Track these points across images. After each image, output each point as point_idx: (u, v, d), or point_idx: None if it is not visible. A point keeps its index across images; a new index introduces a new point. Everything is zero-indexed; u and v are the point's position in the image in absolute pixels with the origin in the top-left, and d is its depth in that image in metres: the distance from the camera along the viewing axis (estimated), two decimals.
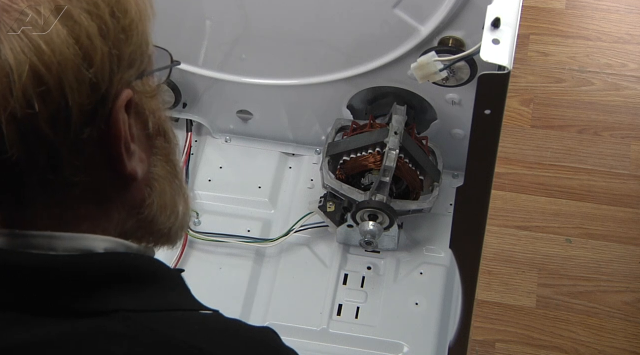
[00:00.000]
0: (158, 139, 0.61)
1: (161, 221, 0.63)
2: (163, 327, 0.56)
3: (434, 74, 0.94)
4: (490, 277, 1.69)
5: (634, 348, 1.62)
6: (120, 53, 0.54)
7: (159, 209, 0.62)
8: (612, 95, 1.98)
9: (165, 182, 0.63)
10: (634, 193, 1.81)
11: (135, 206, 0.61)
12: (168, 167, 0.63)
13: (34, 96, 0.49)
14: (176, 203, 0.65)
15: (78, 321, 0.53)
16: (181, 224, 0.66)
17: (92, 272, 0.56)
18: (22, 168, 0.51)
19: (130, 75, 0.55)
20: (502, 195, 1.81)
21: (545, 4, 2.14)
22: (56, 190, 0.54)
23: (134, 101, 0.56)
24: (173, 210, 0.64)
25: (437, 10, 1.11)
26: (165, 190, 0.63)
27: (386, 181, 1.22)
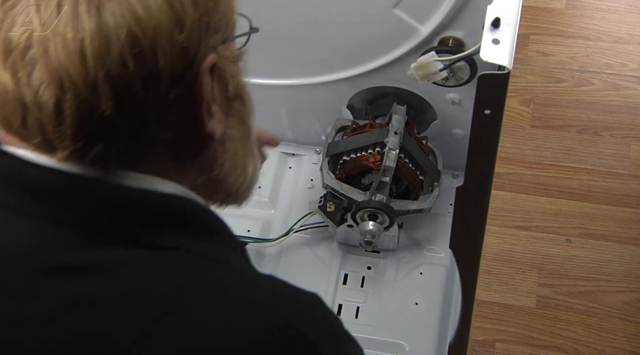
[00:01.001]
0: (235, 102, 0.66)
1: (230, 181, 0.67)
2: (220, 275, 0.59)
3: (434, 74, 0.94)
4: (490, 277, 1.70)
5: (634, 348, 1.62)
6: (208, 20, 0.58)
7: (230, 168, 0.67)
8: (612, 95, 1.98)
9: (238, 144, 0.67)
10: (634, 193, 1.81)
11: (209, 164, 0.65)
12: (242, 129, 0.67)
13: (130, 57, 0.54)
14: (247, 164, 0.69)
15: (144, 251, 0.58)
16: (249, 185, 0.70)
17: (164, 210, 0.60)
18: (113, 123, 0.55)
19: (216, 41, 0.59)
20: (502, 195, 1.81)
21: (545, 4, 2.15)
22: (141, 145, 0.58)
23: (218, 65, 0.60)
24: (243, 170, 0.69)
25: (437, 10, 1.11)
26: (238, 151, 0.67)
27: (386, 181, 1.22)
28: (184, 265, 0.58)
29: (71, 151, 0.56)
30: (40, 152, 0.57)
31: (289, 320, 0.58)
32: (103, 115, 0.54)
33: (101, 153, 0.57)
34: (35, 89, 0.54)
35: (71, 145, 0.56)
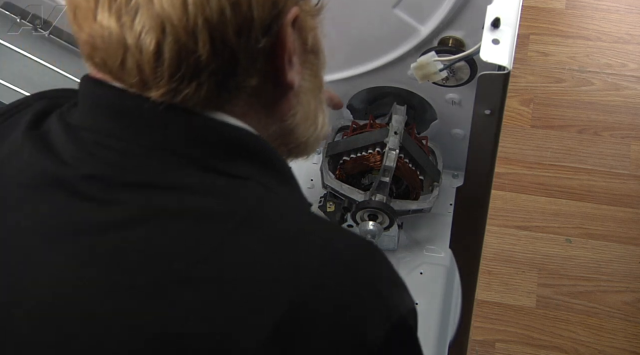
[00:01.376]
0: (310, 55, 0.69)
1: (301, 131, 0.72)
2: (286, 206, 0.64)
3: (434, 74, 0.94)
4: (490, 277, 1.70)
5: (634, 348, 1.62)
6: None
7: (301, 119, 0.71)
8: (612, 95, 1.98)
9: (311, 96, 0.71)
10: (634, 193, 1.81)
11: (283, 114, 0.69)
12: (315, 82, 0.71)
13: (227, 6, 0.59)
14: (317, 116, 0.73)
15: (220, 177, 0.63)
16: (318, 136, 0.74)
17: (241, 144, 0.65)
18: (206, 67, 0.60)
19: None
20: (502, 195, 1.81)
21: (545, 4, 2.15)
22: (228, 89, 0.63)
23: (299, 18, 0.64)
24: (314, 121, 0.72)
25: (437, 10, 1.11)
26: (310, 102, 0.71)
27: (386, 181, 1.22)
28: (256, 194, 0.63)
29: (165, 91, 0.61)
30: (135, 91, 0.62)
31: (348, 256, 0.61)
32: (199, 59, 0.59)
33: (191, 94, 0.61)
34: (137, 33, 0.58)
35: (166, 85, 0.60)
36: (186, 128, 0.63)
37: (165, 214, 0.60)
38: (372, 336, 0.59)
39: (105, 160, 0.62)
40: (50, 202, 0.62)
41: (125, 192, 0.61)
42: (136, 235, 0.59)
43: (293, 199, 0.69)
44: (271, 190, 0.65)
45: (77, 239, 0.60)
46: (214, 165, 0.63)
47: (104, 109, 0.64)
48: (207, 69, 0.60)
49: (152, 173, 0.62)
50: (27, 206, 0.62)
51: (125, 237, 0.59)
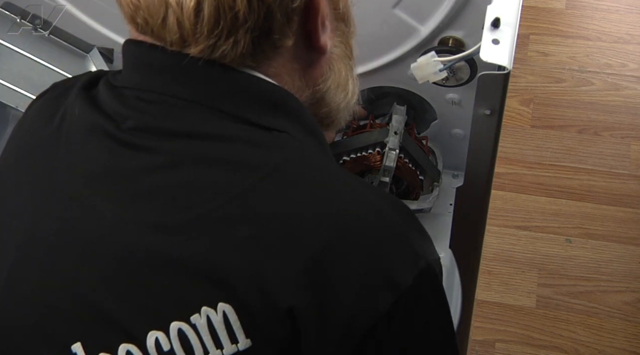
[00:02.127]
0: (341, 23, 0.71)
1: (331, 97, 0.73)
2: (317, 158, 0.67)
3: (434, 74, 0.94)
4: (490, 277, 1.70)
5: (634, 348, 1.62)
6: None
7: (333, 85, 0.73)
8: (612, 95, 1.98)
9: (342, 62, 0.73)
10: (634, 193, 1.81)
11: (315, 78, 0.71)
12: (346, 49, 0.73)
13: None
14: (348, 82, 0.75)
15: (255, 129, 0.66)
16: (348, 103, 0.76)
17: (276, 98, 0.67)
18: (243, 24, 0.62)
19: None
20: (502, 195, 1.81)
21: (545, 4, 2.15)
22: (264, 48, 0.65)
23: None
24: (345, 88, 0.74)
25: (437, 10, 1.11)
26: (341, 69, 0.73)
27: (386, 181, 1.22)
28: (289, 145, 0.66)
29: (203, 47, 0.63)
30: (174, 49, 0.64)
31: (377, 205, 0.64)
32: (236, 15, 0.61)
33: (228, 50, 0.63)
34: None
35: (205, 41, 0.62)
36: (224, 82, 0.65)
37: (204, 161, 0.63)
38: (401, 280, 0.61)
39: (147, 112, 0.65)
40: (98, 149, 0.66)
41: (165, 141, 0.64)
42: (175, 178, 0.63)
43: (325, 154, 0.71)
44: (305, 143, 0.68)
45: (123, 181, 0.64)
46: (250, 118, 0.66)
47: (145, 67, 0.67)
48: (244, 25, 0.62)
49: (191, 124, 0.65)
50: (80, 152, 0.67)
51: (165, 180, 0.63)
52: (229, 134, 0.65)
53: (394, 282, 0.61)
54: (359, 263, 0.61)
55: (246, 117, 0.66)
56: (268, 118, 0.67)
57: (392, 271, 0.61)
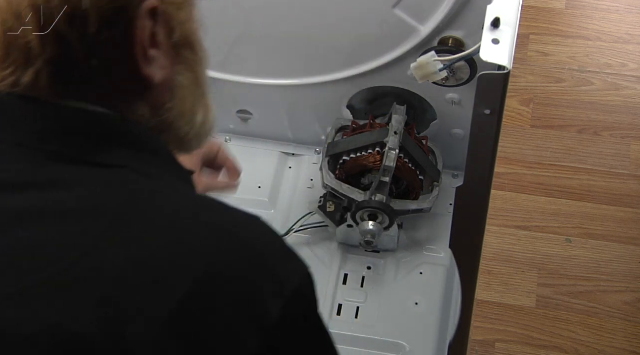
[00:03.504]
0: (185, 49, 0.65)
1: (179, 126, 0.68)
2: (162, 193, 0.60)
3: (434, 74, 0.94)
4: (490, 277, 1.69)
5: (634, 348, 1.62)
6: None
7: (178, 115, 0.67)
8: (612, 95, 1.98)
9: (187, 91, 0.67)
10: (634, 193, 1.81)
11: (157, 107, 0.65)
12: (192, 77, 0.67)
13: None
14: (195, 112, 0.69)
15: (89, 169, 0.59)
16: (198, 132, 0.70)
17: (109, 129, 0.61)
18: (40, 54, 0.57)
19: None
20: (502, 195, 1.81)
21: (545, 4, 2.14)
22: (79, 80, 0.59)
23: (160, 10, 0.60)
24: (191, 118, 0.68)
25: (437, 10, 1.11)
26: (186, 98, 0.67)
27: (386, 181, 1.22)
28: (132, 182, 0.60)
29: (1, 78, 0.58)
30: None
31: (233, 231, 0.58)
32: (29, 45, 0.56)
33: (31, 83, 0.58)
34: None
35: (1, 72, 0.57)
36: (46, 120, 0.59)
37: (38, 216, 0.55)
38: (268, 314, 0.56)
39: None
40: None
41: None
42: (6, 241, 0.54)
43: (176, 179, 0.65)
44: (149, 176, 0.62)
45: None
46: (84, 157, 0.59)
47: None
48: (41, 56, 0.57)
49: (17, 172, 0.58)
50: None
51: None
52: (64, 179, 0.57)
53: (261, 318, 0.56)
54: (223, 305, 0.55)
55: (80, 156, 0.59)
56: (104, 154, 0.60)
57: (257, 307, 0.56)
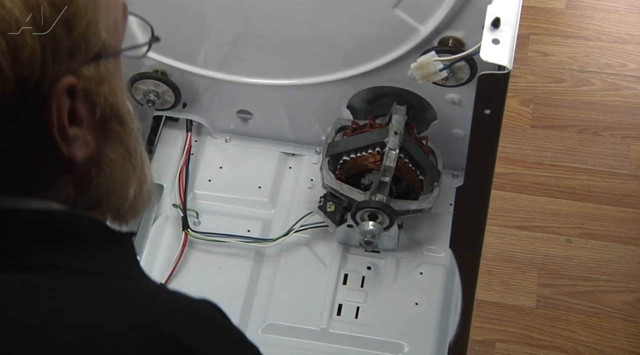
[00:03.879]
0: (112, 122, 0.59)
1: (109, 201, 0.62)
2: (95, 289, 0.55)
3: (434, 74, 0.94)
4: (490, 277, 1.69)
5: (634, 348, 1.62)
6: (56, 47, 0.51)
7: (107, 191, 0.61)
8: (612, 95, 1.98)
9: (116, 166, 0.61)
10: (634, 193, 1.81)
11: (83, 185, 0.59)
12: (121, 150, 0.61)
13: None
14: (128, 186, 0.63)
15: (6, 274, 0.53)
16: (132, 206, 0.64)
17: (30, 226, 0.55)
18: None
19: (73, 64, 0.53)
20: (502, 195, 1.81)
21: (545, 4, 2.14)
22: None
23: (79, 87, 0.54)
24: (122, 193, 0.63)
25: (437, 10, 1.11)
26: (115, 173, 0.61)
27: (386, 181, 1.22)
28: (56, 286, 0.53)
29: None
30: None
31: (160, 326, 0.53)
32: None
33: None
34: None
35: None
36: None
37: None
38: None
39: None
40: None
41: None
42: None
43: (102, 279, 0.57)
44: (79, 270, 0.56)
45: None
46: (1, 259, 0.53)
47: None
48: None
49: None
50: None
51: None
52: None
53: None
54: None
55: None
56: (23, 254, 0.54)
57: None
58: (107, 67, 0.57)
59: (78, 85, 0.54)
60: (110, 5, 0.56)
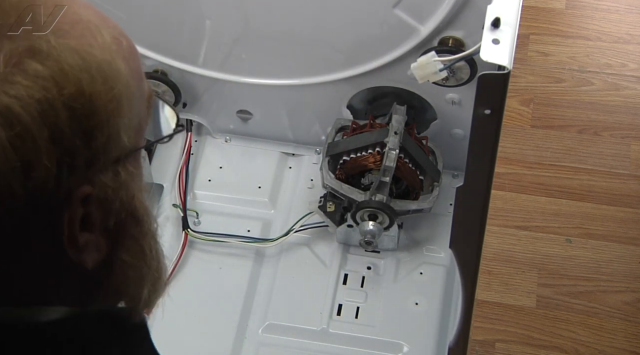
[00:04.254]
0: (127, 224, 0.56)
1: (119, 302, 0.59)
2: None
3: (434, 74, 0.94)
4: (490, 277, 1.69)
5: (634, 348, 1.62)
6: (73, 160, 0.48)
7: (119, 293, 0.58)
8: (612, 95, 1.98)
9: (129, 268, 0.57)
10: (634, 193, 1.81)
11: (92, 288, 0.56)
12: (136, 251, 0.58)
13: None
14: (141, 287, 0.59)
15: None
16: (145, 304, 0.61)
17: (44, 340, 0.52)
18: None
19: (90, 174, 0.50)
20: (502, 195, 1.81)
21: (545, 4, 2.14)
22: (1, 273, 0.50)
23: (95, 195, 0.51)
24: (135, 295, 0.59)
25: (437, 10, 1.11)
26: (128, 275, 0.58)
27: (386, 181, 1.22)
28: None
29: None
30: None
31: None
32: None
33: None
34: None
35: None
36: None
37: None
38: None
39: None
40: None
41: None
42: None
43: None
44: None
45: None
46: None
47: None
48: None
49: None
50: None
51: None
52: None
53: None
54: None
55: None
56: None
57: None
58: (126, 168, 0.53)
59: (94, 193, 0.51)
60: (135, 107, 0.53)
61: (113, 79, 0.50)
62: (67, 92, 0.47)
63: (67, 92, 0.47)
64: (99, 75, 0.49)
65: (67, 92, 0.47)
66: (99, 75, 0.49)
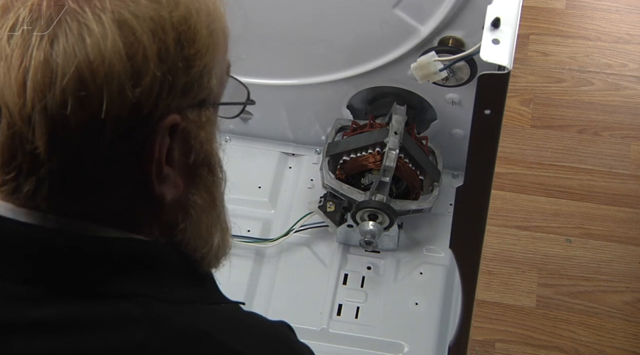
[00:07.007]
0: (202, 169, 0.62)
1: (194, 247, 0.63)
2: (182, 317, 0.57)
3: (434, 74, 0.94)
4: (490, 277, 1.69)
5: (634, 348, 1.62)
6: (174, 80, 0.54)
7: (193, 236, 0.63)
8: (612, 95, 1.98)
9: (203, 212, 0.63)
10: (634, 193, 1.81)
11: (168, 228, 0.61)
12: (208, 198, 0.63)
13: (72, 98, 0.50)
14: (212, 234, 0.65)
15: (98, 303, 0.54)
16: (215, 255, 0.66)
17: (116, 255, 0.56)
18: (45, 161, 0.52)
19: (182, 103, 0.55)
20: (502, 195, 1.81)
21: (545, 4, 2.14)
22: (81, 191, 0.54)
23: (181, 128, 0.56)
24: (207, 240, 0.64)
25: (437, 10, 1.11)
26: (202, 219, 0.63)
27: (386, 181, 1.22)
28: (143, 314, 0.55)
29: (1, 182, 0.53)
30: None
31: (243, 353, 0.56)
32: (35, 150, 0.51)
33: (31, 192, 0.53)
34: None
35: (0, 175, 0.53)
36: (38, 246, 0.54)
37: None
38: None
39: None
40: None
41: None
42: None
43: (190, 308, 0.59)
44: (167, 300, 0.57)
45: None
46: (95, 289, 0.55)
47: None
48: (46, 163, 0.52)
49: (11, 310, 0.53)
50: None
51: None
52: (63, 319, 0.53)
53: None
54: None
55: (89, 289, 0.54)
56: (117, 284, 0.55)
57: None
58: (208, 115, 0.59)
59: (181, 125, 0.56)
60: (223, 56, 0.60)
61: (214, 17, 0.58)
62: (177, 15, 0.53)
63: (176, 15, 0.53)
64: (203, 8, 0.56)
65: (176, 15, 0.53)
66: (203, 8, 0.56)
